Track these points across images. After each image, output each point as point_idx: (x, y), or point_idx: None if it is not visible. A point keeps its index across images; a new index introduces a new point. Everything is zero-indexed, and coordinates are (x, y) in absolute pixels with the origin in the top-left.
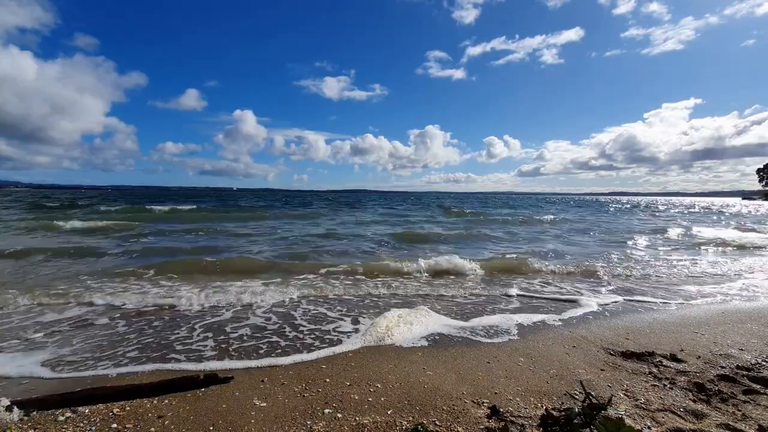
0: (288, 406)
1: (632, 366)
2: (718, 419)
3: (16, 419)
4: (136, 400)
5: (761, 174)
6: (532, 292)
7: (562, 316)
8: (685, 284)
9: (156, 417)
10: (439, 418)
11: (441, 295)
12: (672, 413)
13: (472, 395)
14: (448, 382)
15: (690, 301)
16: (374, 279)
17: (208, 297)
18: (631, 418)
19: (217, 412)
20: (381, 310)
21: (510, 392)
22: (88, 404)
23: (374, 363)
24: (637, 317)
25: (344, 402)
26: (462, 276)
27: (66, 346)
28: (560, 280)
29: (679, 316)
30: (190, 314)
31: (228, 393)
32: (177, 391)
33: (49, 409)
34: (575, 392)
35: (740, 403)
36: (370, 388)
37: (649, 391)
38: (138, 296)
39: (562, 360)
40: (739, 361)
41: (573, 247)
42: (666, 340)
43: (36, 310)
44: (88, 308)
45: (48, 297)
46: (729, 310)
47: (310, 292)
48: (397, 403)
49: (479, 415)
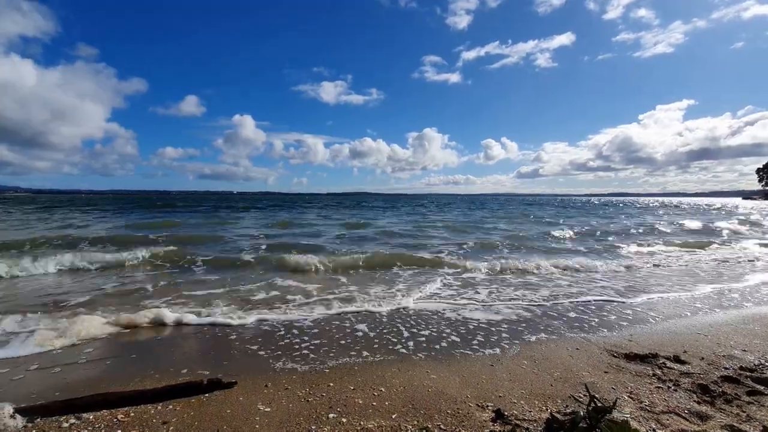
0: (292, 410)
1: (636, 368)
2: (722, 421)
3: (20, 426)
4: (141, 406)
5: (761, 174)
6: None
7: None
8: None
9: (161, 423)
10: (443, 422)
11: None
12: (677, 415)
13: (477, 399)
14: (452, 385)
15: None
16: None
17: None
18: (636, 420)
19: (222, 417)
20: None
21: (514, 395)
22: (92, 411)
23: (377, 367)
24: (640, 319)
25: (348, 406)
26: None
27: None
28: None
29: (682, 317)
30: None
31: (232, 398)
32: (181, 396)
33: (53, 416)
34: (579, 395)
35: (744, 405)
36: (374, 392)
37: (653, 393)
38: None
39: (565, 363)
40: (742, 362)
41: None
42: (669, 341)
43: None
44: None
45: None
46: (732, 311)
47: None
48: (402, 407)
49: (484, 418)
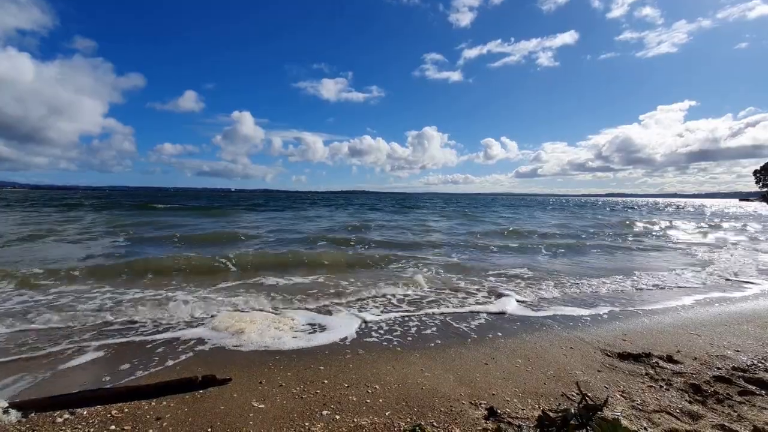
0: (286, 407)
1: (629, 367)
2: (713, 420)
3: (14, 420)
4: (135, 401)
5: (758, 176)
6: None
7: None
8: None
9: (154, 419)
10: (436, 420)
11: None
12: (668, 414)
13: (470, 396)
14: (446, 383)
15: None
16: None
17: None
18: (627, 419)
19: (216, 413)
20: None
21: (507, 393)
22: (86, 406)
23: (372, 364)
24: (633, 318)
25: (342, 403)
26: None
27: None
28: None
29: (676, 317)
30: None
31: (226, 394)
32: (175, 392)
33: (47, 411)
34: (572, 393)
35: (736, 404)
36: (368, 389)
37: (645, 392)
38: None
39: (559, 361)
40: (735, 362)
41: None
42: (663, 341)
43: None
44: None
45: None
46: (725, 312)
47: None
48: (395, 404)
49: (477, 416)
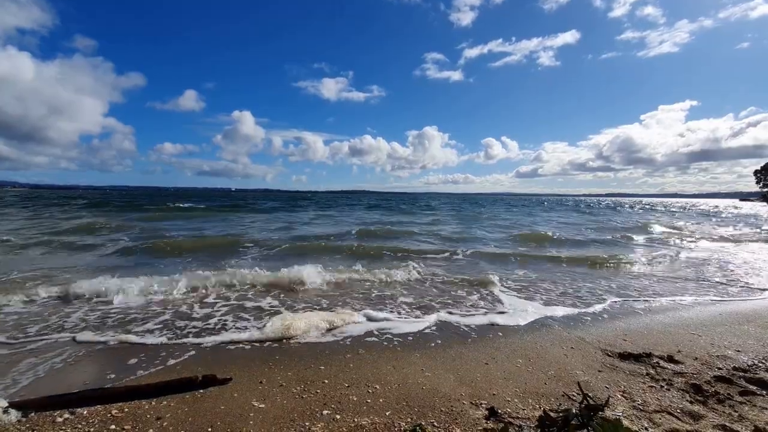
0: (287, 407)
1: (630, 367)
2: (714, 420)
3: (14, 420)
4: (135, 401)
5: (758, 176)
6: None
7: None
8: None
9: (154, 418)
10: (437, 420)
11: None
12: (669, 414)
13: (471, 396)
14: (447, 383)
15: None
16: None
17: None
18: (628, 419)
19: (216, 413)
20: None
21: (508, 393)
22: (87, 405)
23: (373, 364)
24: (634, 318)
25: (342, 403)
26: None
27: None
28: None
29: (677, 317)
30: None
31: (227, 394)
32: (175, 392)
33: (47, 411)
34: (573, 393)
35: (737, 405)
36: (369, 389)
37: (646, 393)
38: None
39: (560, 361)
40: (735, 362)
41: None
42: (663, 341)
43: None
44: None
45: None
46: (726, 312)
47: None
48: (396, 404)
49: (477, 416)
